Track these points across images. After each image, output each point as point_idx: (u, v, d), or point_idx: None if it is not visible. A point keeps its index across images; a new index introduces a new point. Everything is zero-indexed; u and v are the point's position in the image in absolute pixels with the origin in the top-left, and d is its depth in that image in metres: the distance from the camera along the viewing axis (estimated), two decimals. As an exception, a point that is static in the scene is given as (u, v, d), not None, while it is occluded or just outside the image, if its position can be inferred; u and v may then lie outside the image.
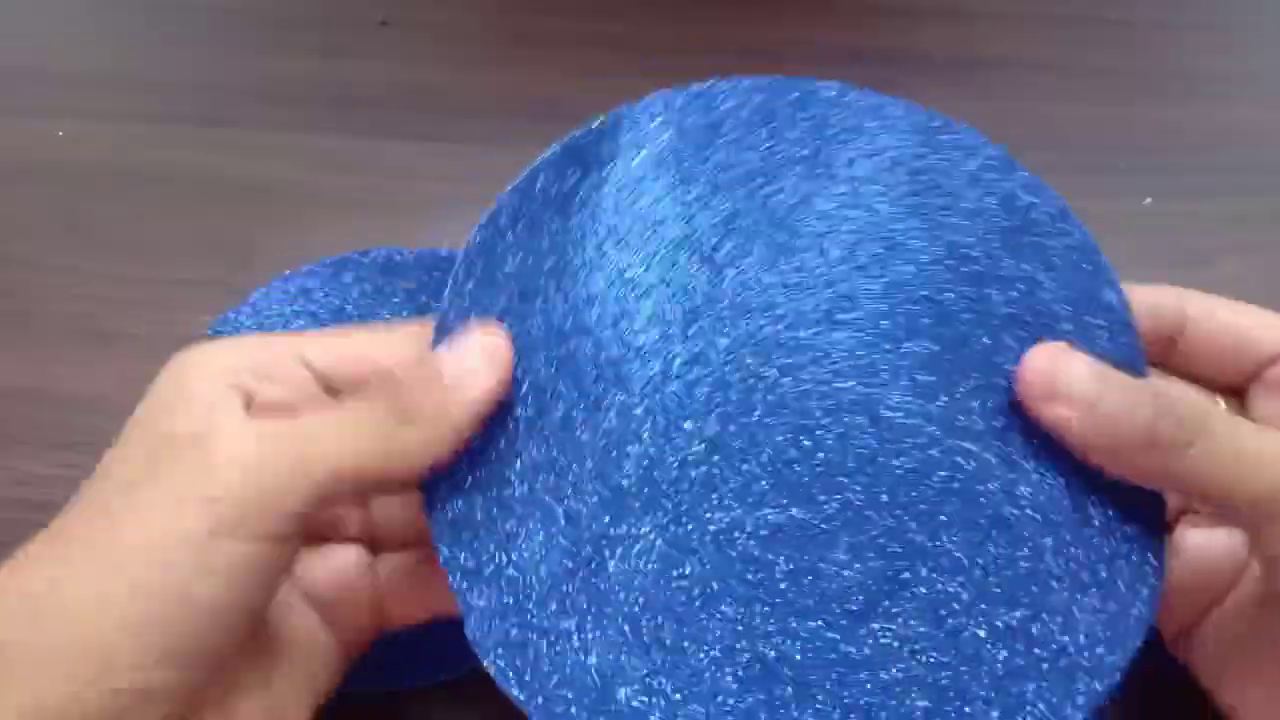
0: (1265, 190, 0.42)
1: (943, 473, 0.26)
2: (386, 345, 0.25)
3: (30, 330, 0.38)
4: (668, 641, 0.25)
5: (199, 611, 0.20)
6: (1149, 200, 0.41)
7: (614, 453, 0.26)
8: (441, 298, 0.26)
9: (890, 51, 0.46)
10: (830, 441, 0.26)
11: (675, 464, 0.26)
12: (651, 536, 0.26)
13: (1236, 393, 0.27)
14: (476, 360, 0.24)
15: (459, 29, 0.47)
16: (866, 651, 0.25)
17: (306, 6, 0.48)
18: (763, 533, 0.26)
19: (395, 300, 0.36)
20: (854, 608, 0.25)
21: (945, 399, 0.27)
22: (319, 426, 0.22)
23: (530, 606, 0.25)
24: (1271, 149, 0.43)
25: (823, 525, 0.26)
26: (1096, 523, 0.26)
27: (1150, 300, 0.27)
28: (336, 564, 0.26)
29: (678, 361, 0.27)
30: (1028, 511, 0.26)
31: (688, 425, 0.27)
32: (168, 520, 0.20)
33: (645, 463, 0.26)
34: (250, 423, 0.22)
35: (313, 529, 0.23)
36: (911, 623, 0.25)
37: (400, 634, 0.28)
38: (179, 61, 0.46)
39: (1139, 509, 0.26)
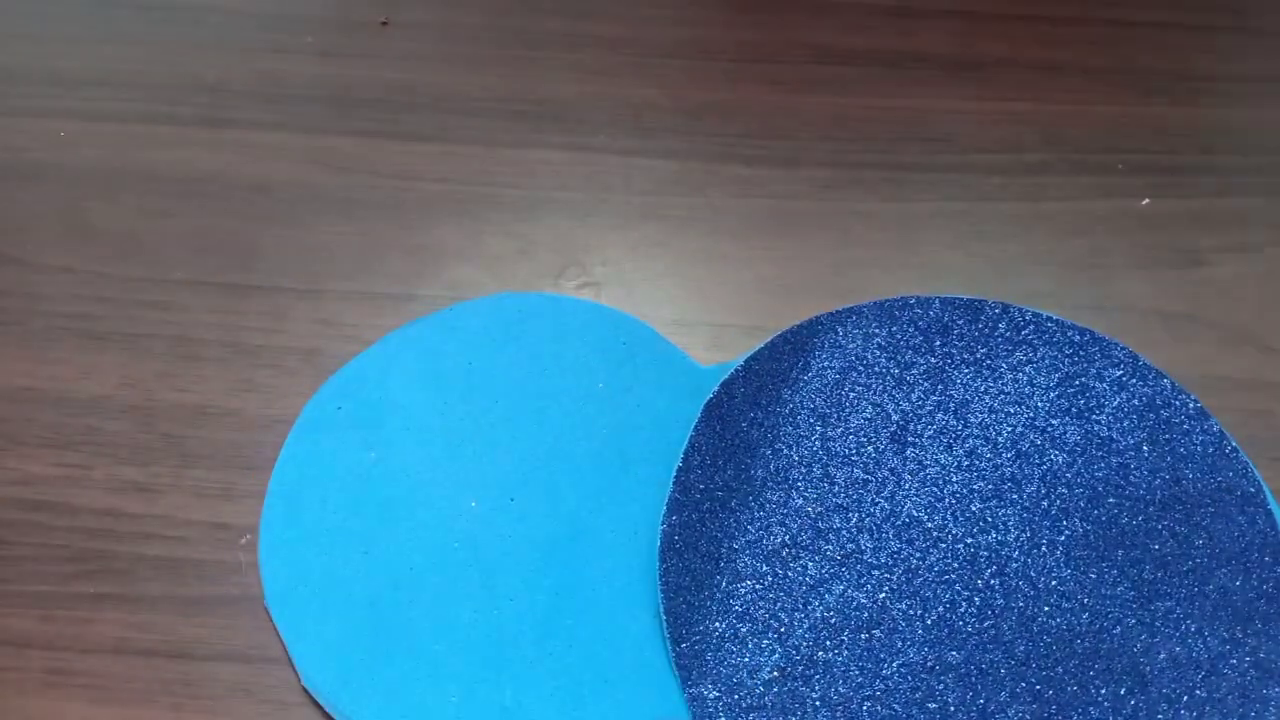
0: (1265, 190, 0.42)
1: (1092, 633, 0.30)
2: None
3: (30, 330, 0.38)
4: None
5: None
6: (1147, 201, 0.41)
7: (819, 590, 0.31)
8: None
9: (890, 51, 0.46)
10: (998, 600, 0.31)
11: (868, 604, 0.31)
12: (846, 660, 0.30)
13: None
14: None
15: (459, 29, 0.47)
16: None
17: (306, 6, 0.48)
18: (937, 670, 0.30)
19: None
20: None
21: (1095, 573, 0.31)
22: None
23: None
24: (1270, 149, 0.43)
25: (989, 670, 0.30)
26: (1230, 679, 0.29)
27: None
28: None
29: (869, 519, 0.32)
30: (1165, 670, 0.29)
31: (877, 573, 0.31)
32: None
33: (842, 601, 0.31)
34: None
35: None
36: None
37: None
38: (179, 61, 0.46)
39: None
